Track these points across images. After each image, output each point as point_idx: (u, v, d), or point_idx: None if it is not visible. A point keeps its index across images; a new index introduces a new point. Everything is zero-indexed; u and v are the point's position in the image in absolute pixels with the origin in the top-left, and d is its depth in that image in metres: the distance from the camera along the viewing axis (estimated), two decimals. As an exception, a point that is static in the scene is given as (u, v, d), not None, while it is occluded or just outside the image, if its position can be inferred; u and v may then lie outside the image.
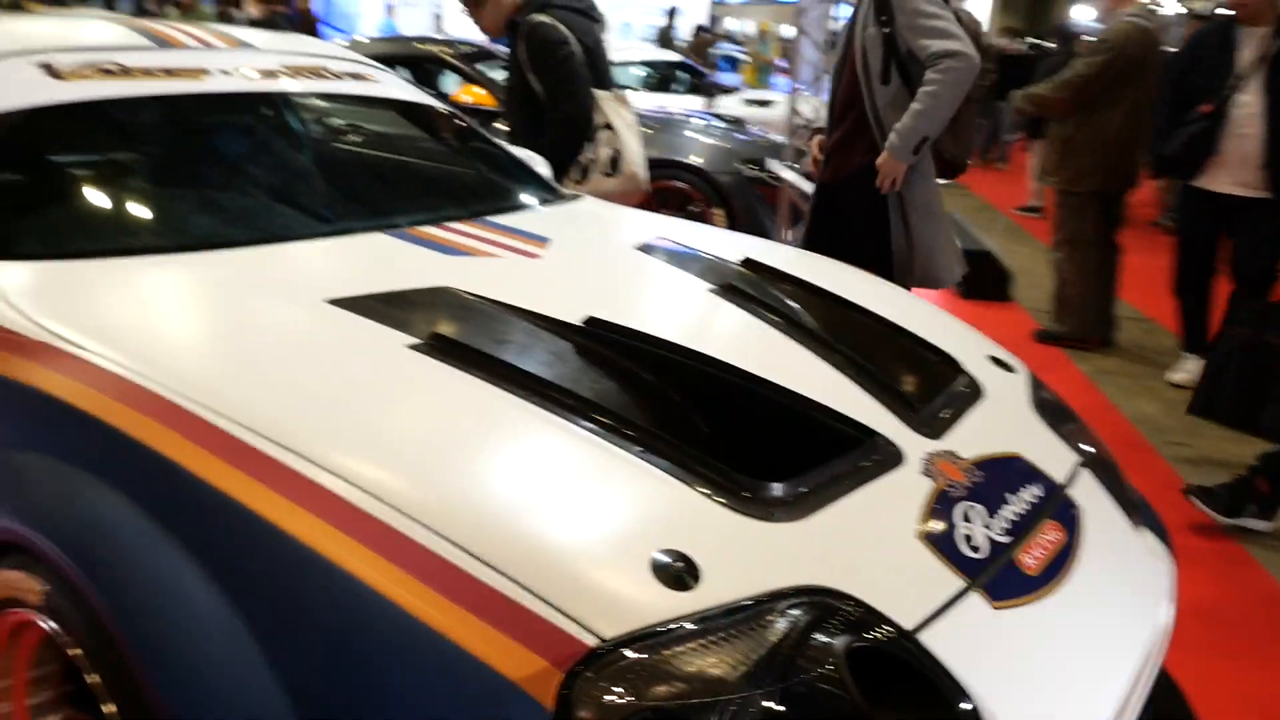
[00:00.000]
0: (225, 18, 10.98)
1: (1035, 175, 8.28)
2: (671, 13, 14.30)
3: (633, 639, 1.08)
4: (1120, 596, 1.54)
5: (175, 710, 1.12)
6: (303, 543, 1.15)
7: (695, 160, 5.94)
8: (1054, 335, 4.87)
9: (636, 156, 3.33)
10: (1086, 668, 1.37)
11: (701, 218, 5.72)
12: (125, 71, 2.23)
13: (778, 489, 1.34)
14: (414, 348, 1.52)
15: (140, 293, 1.71)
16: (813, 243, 3.22)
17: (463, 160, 2.82)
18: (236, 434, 1.27)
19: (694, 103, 9.09)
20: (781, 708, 1.09)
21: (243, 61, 2.48)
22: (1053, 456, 1.71)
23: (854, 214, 3.14)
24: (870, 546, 1.33)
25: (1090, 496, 1.68)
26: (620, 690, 1.05)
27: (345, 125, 2.84)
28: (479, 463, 1.29)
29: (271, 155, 2.48)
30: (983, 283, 5.63)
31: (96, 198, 2.21)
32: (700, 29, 15.24)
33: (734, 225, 5.78)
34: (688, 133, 6.21)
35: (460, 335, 1.56)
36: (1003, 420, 1.76)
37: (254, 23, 9.82)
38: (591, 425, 1.37)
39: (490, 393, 1.42)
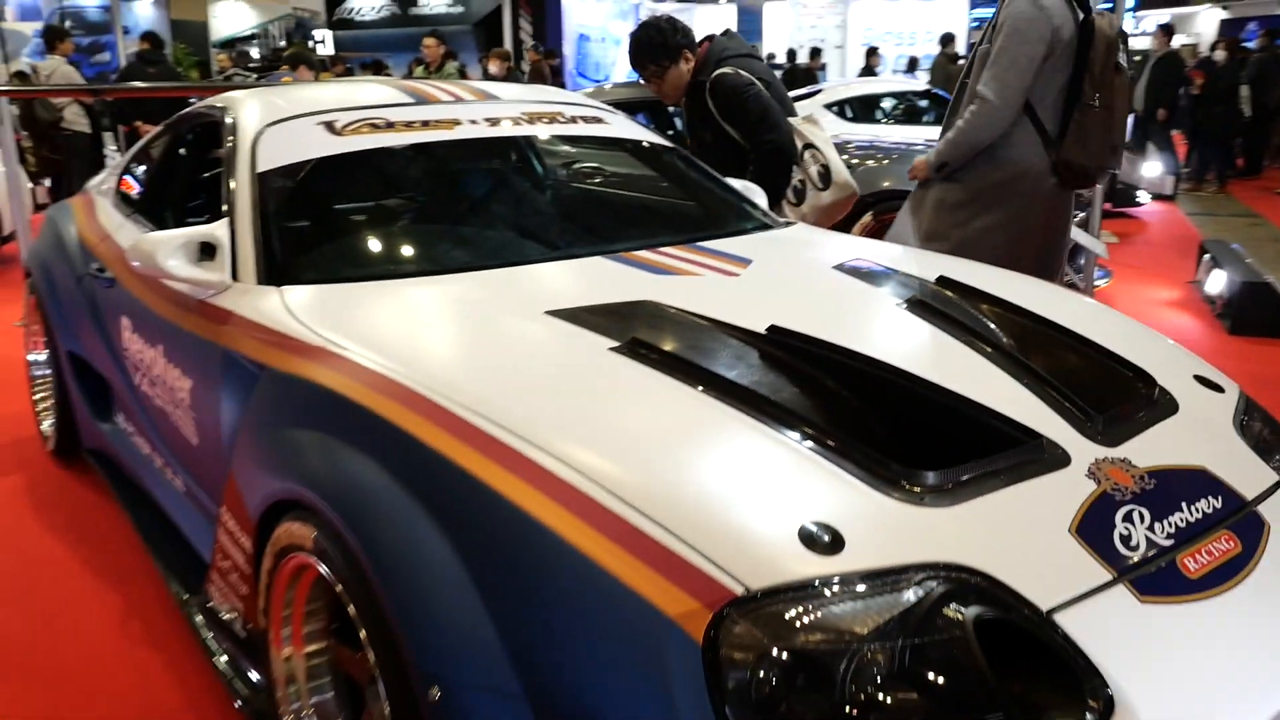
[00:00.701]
0: (465, 75, 12.03)
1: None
2: (946, 39, 14.13)
3: (774, 591, 1.24)
4: None
5: (414, 639, 1.38)
6: (521, 508, 1.39)
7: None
8: None
9: (841, 166, 3.68)
10: (1240, 675, 1.37)
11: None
12: (389, 125, 2.65)
13: (931, 477, 1.45)
14: (614, 350, 1.75)
15: (395, 308, 2.06)
16: None
17: (682, 192, 3.06)
18: (469, 419, 1.54)
19: (932, 133, 9.01)
20: (906, 665, 1.21)
21: (488, 112, 2.85)
22: (1245, 473, 1.70)
23: None
24: (1017, 536, 1.41)
25: None
26: (758, 633, 1.21)
27: (577, 163, 3.16)
28: (662, 446, 1.50)
29: (510, 192, 2.83)
30: (1258, 317, 5.27)
31: (363, 232, 2.63)
32: (952, 56, 15.00)
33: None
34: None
35: (654, 340, 1.77)
36: (1193, 435, 1.76)
37: (491, 77, 10.71)
38: (761, 416, 1.54)
39: (675, 387, 1.62)
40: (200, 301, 2.29)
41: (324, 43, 23.30)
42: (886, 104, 10.46)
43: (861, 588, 1.27)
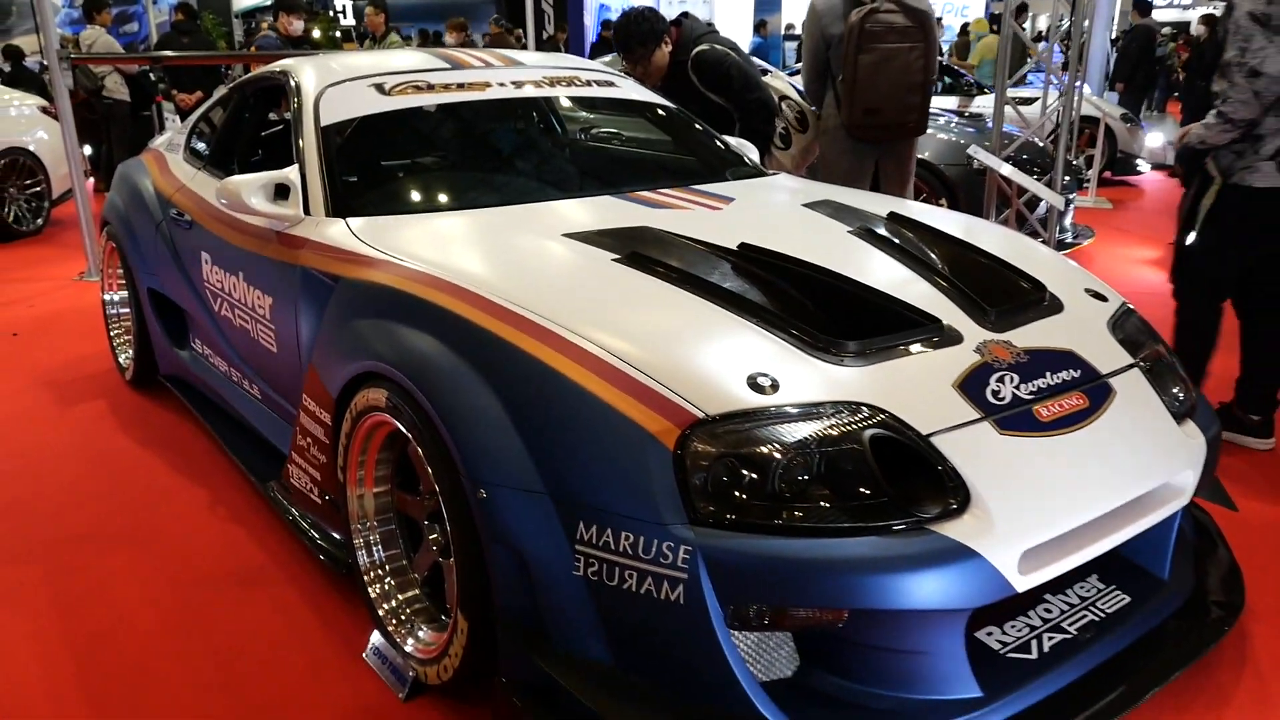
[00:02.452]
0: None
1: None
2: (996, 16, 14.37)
3: (725, 416, 1.74)
4: (1126, 454, 1.99)
5: (467, 458, 1.87)
6: (543, 362, 1.88)
7: (923, 154, 6.40)
8: None
9: (813, 110, 4.31)
10: (1070, 487, 1.86)
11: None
12: (430, 87, 3.14)
13: (852, 345, 1.94)
14: (616, 260, 2.24)
15: (437, 231, 2.58)
16: None
17: (681, 145, 3.54)
18: (502, 303, 2.03)
19: (949, 103, 9.42)
20: (820, 467, 1.71)
21: (514, 75, 3.33)
22: (1106, 356, 2.17)
23: None
24: (912, 387, 1.90)
25: (1132, 387, 2.13)
26: (713, 444, 1.71)
27: (590, 120, 3.64)
28: (647, 322, 1.99)
29: (532, 143, 3.33)
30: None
31: (409, 174, 3.13)
32: (965, 29, 15.32)
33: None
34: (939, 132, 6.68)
35: (647, 253, 2.26)
36: (1069, 328, 2.23)
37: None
38: (724, 304, 2.03)
39: (660, 285, 2.11)
40: (278, 233, 2.79)
41: (344, 13, 23.75)
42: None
43: (790, 414, 1.76)
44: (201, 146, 3.86)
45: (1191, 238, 3.43)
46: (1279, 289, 3.39)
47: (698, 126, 3.59)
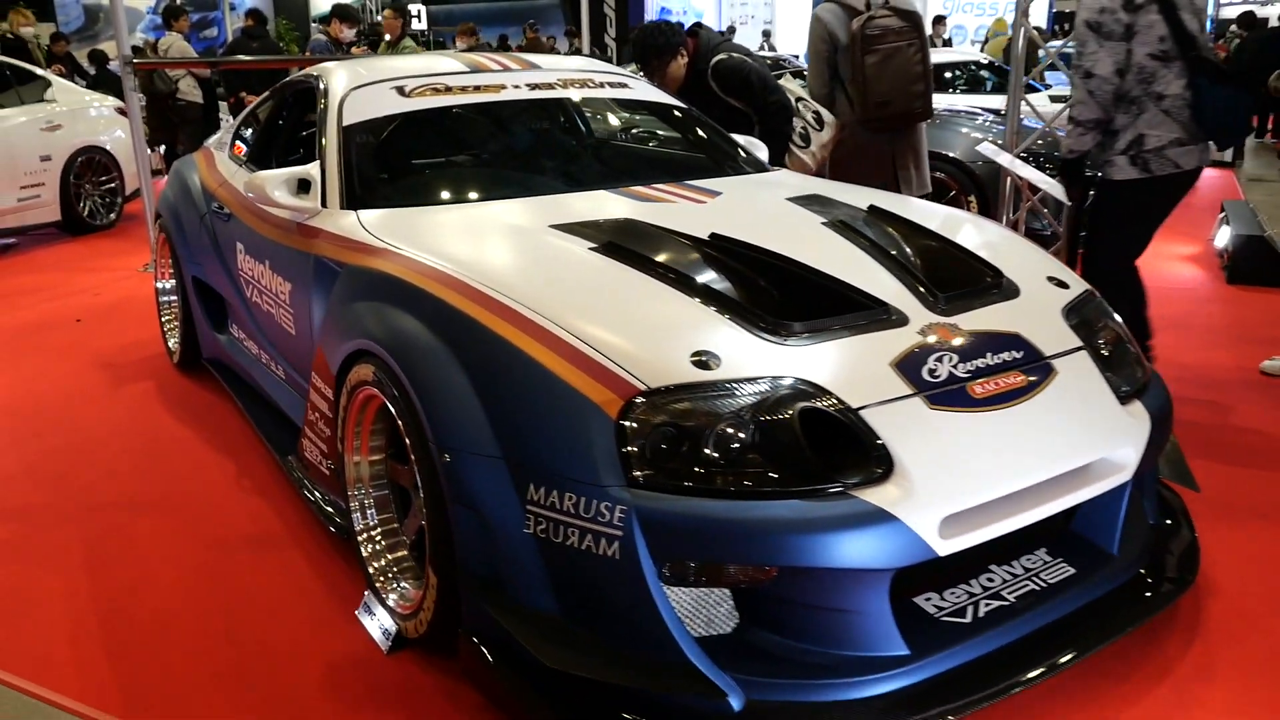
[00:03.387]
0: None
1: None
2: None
3: (664, 389, 1.88)
4: (1060, 431, 2.08)
5: (435, 426, 2.05)
6: (506, 339, 2.04)
7: (953, 153, 6.44)
8: None
9: (826, 111, 4.48)
10: (996, 460, 1.96)
11: (956, 203, 6.22)
12: (448, 89, 3.33)
13: (797, 326, 2.07)
14: (592, 249, 2.39)
15: (437, 222, 2.76)
16: None
17: (686, 143, 3.68)
18: (478, 287, 2.20)
19: (997, 101, 9.39)
20: (750, 436, 1.84)
21: (530, 78, 3.51)
22: (1053, 339, 2.26)
23: None
24: (850, 364, 2.02)
25: (1076, 368, 2.22)
26: (651, 415, 1.85)
27: (599, 119, 3.80)
28: (606, 304, 2.14)
29: (538, 141, 3.51)
30: (1251, 267, 5.66)
31: (418, 170, 3.32)
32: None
33: (985, 210, 6.21)
34: (956, 129, 6.70)
35: (622, 242, 2.41)
36: (1021, 312, 2.32)
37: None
38: (683, 288, 2.18)
39: (627, 271, 2.26)
40: (298, 224, 3.00)
41: (419, 16, 24.34)
42: (946, 74, 10.80)
43: (727, 388, 1.90)
44: (244, 144, 4.12)
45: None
46: None
47: (706, 126, 3.73)
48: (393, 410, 2.22)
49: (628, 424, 1.86)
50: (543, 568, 1.92)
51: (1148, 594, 2.25)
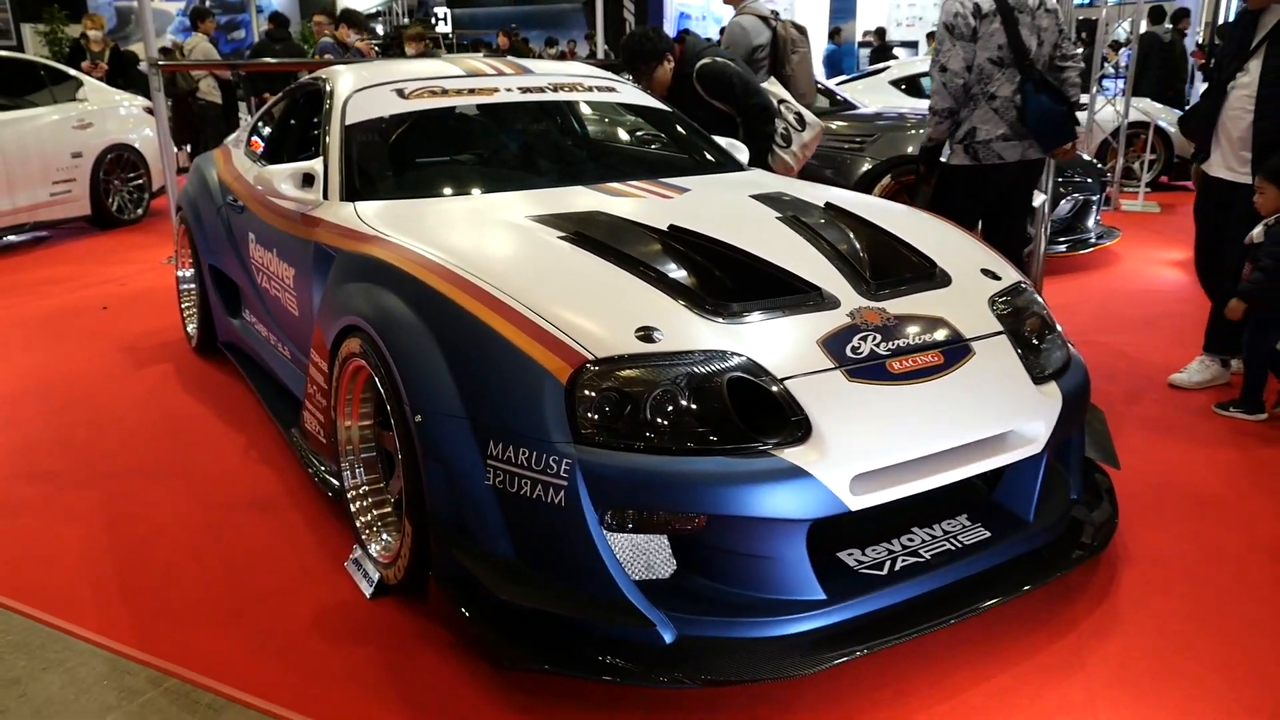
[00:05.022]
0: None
1: None
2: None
3: (609, 359, 2.13)
4: (971, 405, 2.32)
5: (413, 399, 2.30)
6: (473, 314, 2.30)
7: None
8: None
9: (809, 113, 4.80)
10: (907, 429, 2.20)
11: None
12: (444, 92, 3.59)
13: (734, 306, 2.31)
14: (561, 237, 2.65)
15: (425, 213, 3.02)
16: None
17: (666, 143, 3.93)
18: (454, 270, 2.46)
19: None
20: (684, 401, 2.09)
21: (522, 82, 3.77)
22: (974, 324, 2.49)
23: None
24: (779, 341, 2.26)
25: (993, 350, 2.45)
26: (597, 381, 2.10)
27: (585, 121, 4.06)
28: (565, 285, 2.40)
29: (525, 141, 3.78)
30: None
31: (412, 166, 3.58)
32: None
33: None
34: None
35: (588, 232, 2.66)
36: (949, 299, 2.55)
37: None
38: (635, 271, 2.42)
39: (588, 257, 2.52)
40: (302, 214, 3.27)
41: (445, 20, 24.80)
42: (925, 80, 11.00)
43: (666, 359, 2.14)
44: (260, 141, 4.40)
45: None
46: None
47: (687, 128, 3.98)
48: (376, 379, 2.48)
49: (576, 388, 2.11)
50: (501, 516, 2.18)
51: (1057, 558, 2.48)
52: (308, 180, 3.28)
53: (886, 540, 2.37)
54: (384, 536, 2.65)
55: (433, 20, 25.04)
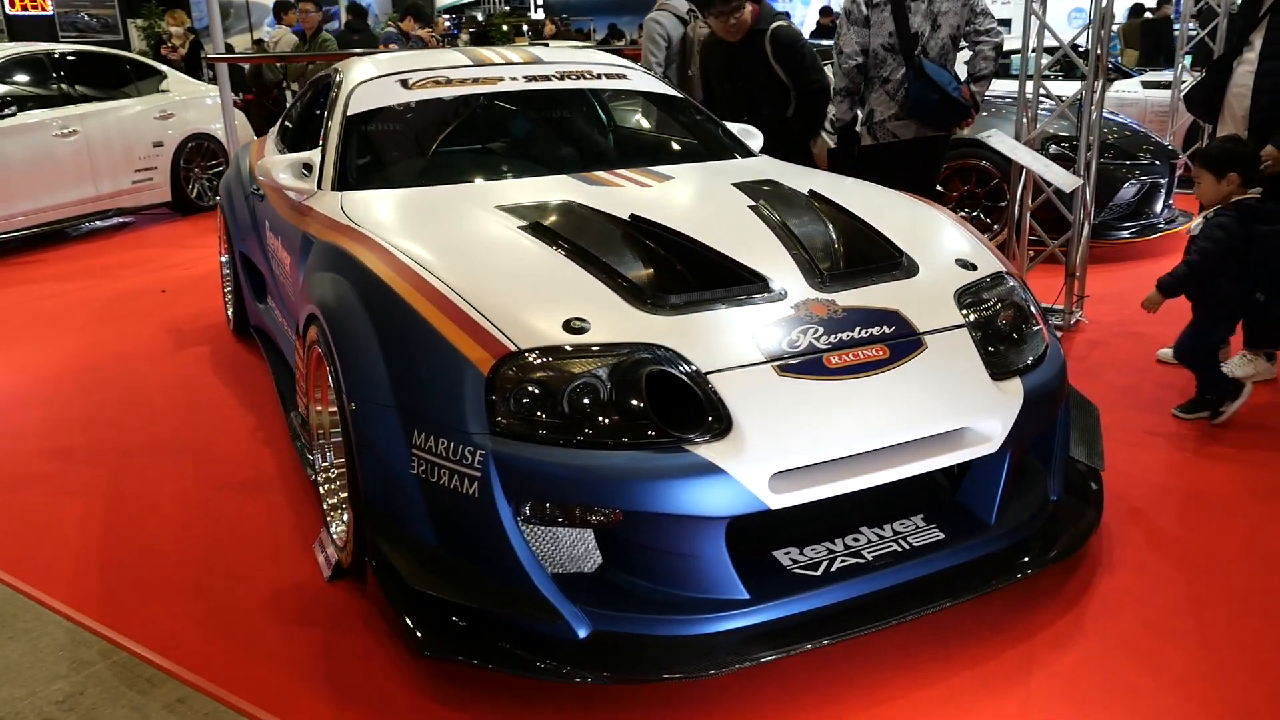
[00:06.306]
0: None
1: None
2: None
3: (532, 350, 2.11)
4: (917, 401, 2.22)
5: (348, 386, 2.33)
6: (407, 302, 2.31)
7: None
8: None
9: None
10: (840, 426, 2.12)
11: (998, 193, 6.19)
12: (448, 82, 3.61)
13: (673, 298, 2.27)
14: (521, 227, 2.64)
15: (405, 203, 3.04)
16: None
17: (670, 131, 3.88)
18: (402, 259, 2.47)
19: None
20: (602, 394, 2.06)
21: (528, 71, 3.76)
22: (932, 316, 2.39)
23: None
24: (712, 333, 2.21)
25: (949, 345, 2.35)
26: (517, 372, 2.09)
27: (586, 109, 4.02)
28: (506, 276, 2.39)
29: (520, 130, 3.79)
30: None
31: (403, 156, 3.62)
32: (1138, 9, 14.59)
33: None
34: (1006, 117, 6.64)
35: (548, 221, 2.64)
36: (909, 290, 2.45)
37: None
38: (580, 262, 2.40)
39: (541, 247, 2.51)
40: (299, 203, 3.34)
41: (540, 6, 25.05)
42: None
43: (588, 351, 2.12)
44: (287, 131, 4.51)
45: None
46: None
47: (696, 114, 3.92)
48: (328, 366, 2.52)
49: (497, 379, 2.10)
50: (424, 504, 2.19)
51: (1015, 564, 2.36)
52: (309, 170, 3.34)
53: (830, 539, 2.30)
54: (344, 519, 2.70)
55: (527, 8, 25.35)
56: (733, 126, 3.89)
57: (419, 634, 2.11)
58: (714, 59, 4.79)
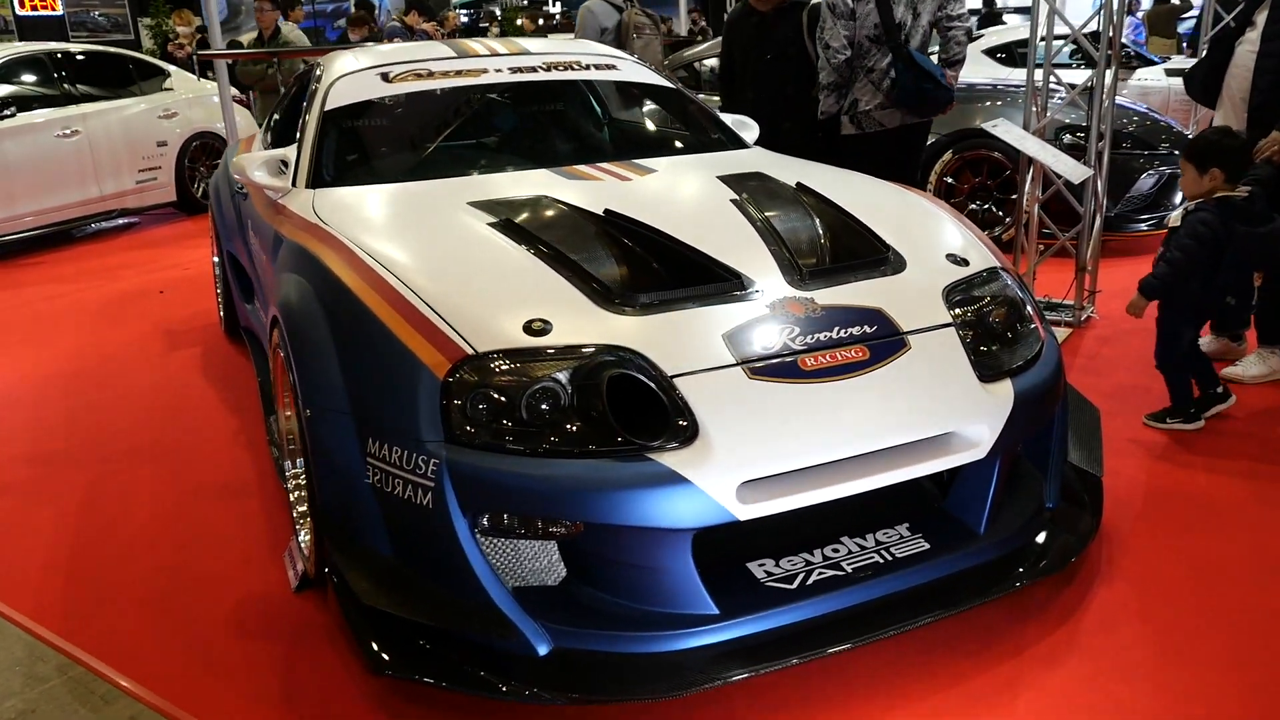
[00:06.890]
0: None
1: None
2: None
3: (490, 353, 2.01)
4: (898, 405, 2.11)
5: (304, 392, 2.24)
6: (364, 302, 2.21)
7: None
8: None
9: None
10: (813, 432, 2.01)
11: (1013, 185, 6.03)
12: (430, 74, 3.51)
13: (641, 298, 2.16)
14: (490, 224, 2.54)
15: (376, 201, 2.95)
16: None
17: (660, 122, 3.77)
18: (363, 258, 2.37)
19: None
20: (563, 401, 1.96)
21: (514, 62, 3.66)
22: (918, 315, 2.27)
23: None
24: (680, 334, 2.10)
25: (934, 345, 2.23)
26: (474, 376, 1.99)
27: (572, 101, 3.91)
28: (468, 274, 2.29)
29: (500, 123, 3.68)
30: None
31: (378, 152, 3.52)
32: None
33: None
34: (1017, 108, 6.49)
35: (519, 218, 2.54)
36: (895, 289, 2.34)
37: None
38: (549, 261, 2.30)
39: (509, 244, 2.41)
40: (273, 201, 3.25)
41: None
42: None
43: (548, 354, 2.02)
44: (273, 128, 4.44)
45: None
46: None
47: (689, 105, 3.81)
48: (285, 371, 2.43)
49: (453, 384, 2.00)
50: (379, 515, 2.09)
51: (1007, 575, 2.25)
52: (286, 166, 3.26)
53: (808, 550, 2.20)
54: (310, 528, 2.61)
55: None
56: (727, 118, 3.78)
57: (376, 652, 2.02)
58: (740, 31, 4.74)
